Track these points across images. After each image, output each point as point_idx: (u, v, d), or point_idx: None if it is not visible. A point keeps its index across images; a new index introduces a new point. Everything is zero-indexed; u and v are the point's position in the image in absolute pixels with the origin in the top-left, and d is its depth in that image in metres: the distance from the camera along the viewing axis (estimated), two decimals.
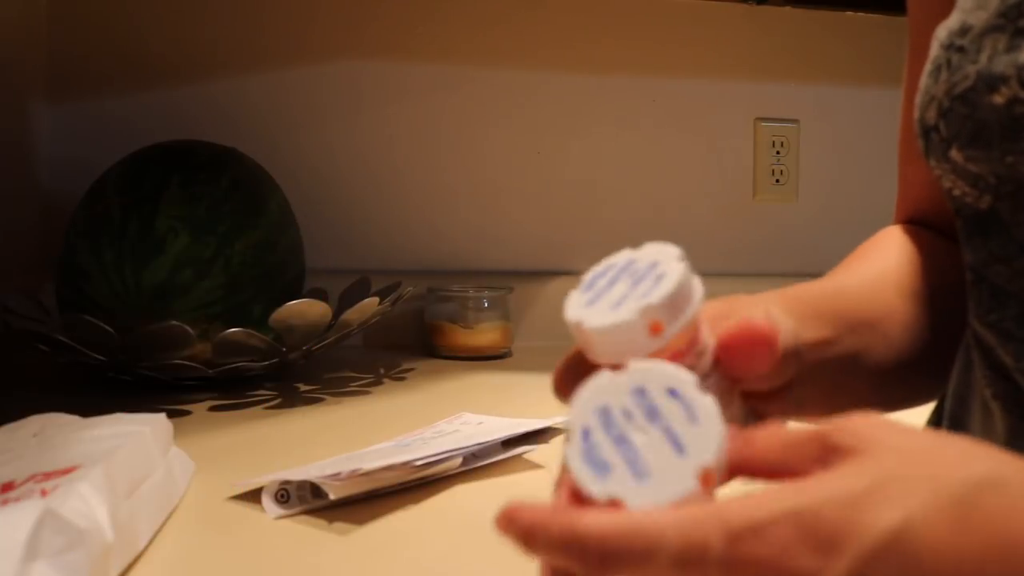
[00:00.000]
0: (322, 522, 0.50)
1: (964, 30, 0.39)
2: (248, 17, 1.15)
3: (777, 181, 1.32)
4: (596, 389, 0.29)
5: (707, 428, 0.27)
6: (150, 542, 0.46)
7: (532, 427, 0.67)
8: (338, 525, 0.49)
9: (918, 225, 0.56)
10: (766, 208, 1.32)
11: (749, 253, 1.30)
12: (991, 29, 0.38)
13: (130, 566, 0.43)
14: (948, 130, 0.40)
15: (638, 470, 0.27)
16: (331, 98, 1.18)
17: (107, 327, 0.73)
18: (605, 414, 0.28)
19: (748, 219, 1.31)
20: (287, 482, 0.52)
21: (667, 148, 1.29)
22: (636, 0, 1.27)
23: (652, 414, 0.28)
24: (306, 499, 0.51)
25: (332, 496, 0.50)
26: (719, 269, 1.29)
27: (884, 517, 0.26)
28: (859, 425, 0.29)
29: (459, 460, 0.58)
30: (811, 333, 0.41)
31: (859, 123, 1.34)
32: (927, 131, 0.42)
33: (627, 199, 1.27)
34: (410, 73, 1.20)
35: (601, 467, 0.27)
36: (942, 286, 0.50)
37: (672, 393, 0.28)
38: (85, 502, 0.38)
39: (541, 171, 1.25)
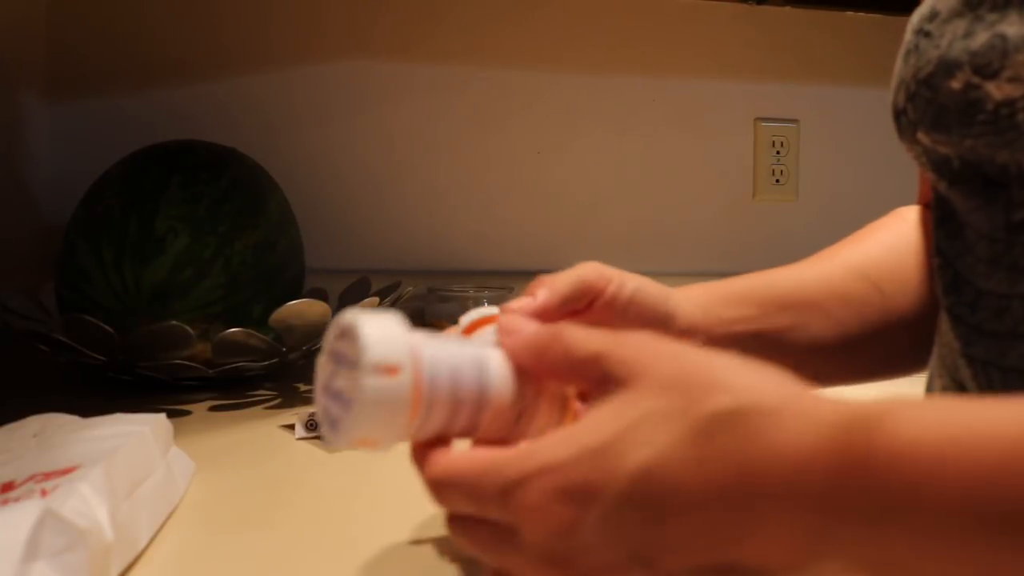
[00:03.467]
0: (324, 443, 0.64)
1: (932, 15, 0.40)
2: (248, 17, 1.15)
3: (777, 181, 1.32)
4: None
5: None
6: (150, 542, 0.46)
7: None
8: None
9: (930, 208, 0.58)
10: (766, 208, 1.32)
11: (749, 253, 1.30)
12: (954, 15, 0.38)
13: (130, 566, 0.43)
14: (915, 113, 0.40)
15: None
16: (331, 98, 1.18)
17: (107, 327, 0.73)
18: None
19: (748, 219, 1.31)
20: (316, 413, 0.62)
21: (667, 148, 1.29)
22: (636, 0, 1.27)
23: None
24: None
25: None
26: (719, 269, 1.29)
27: (630, 461, 0.29)
28: (630, 353, 0.31)
29: None
30: (726, 312, 0.48)
31: (859, 123, 1.34)
32: (898, 114, 0.42)
33: (627, 199, 1.27)
34: (410, 73, 1.20)
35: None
36: (920, 264, 0.53)
37: None
38: (85, 502, 0.38)
39: (541, 171, 1.25)
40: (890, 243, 0.56)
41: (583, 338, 0.33)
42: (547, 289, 0.43)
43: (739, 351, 0.47)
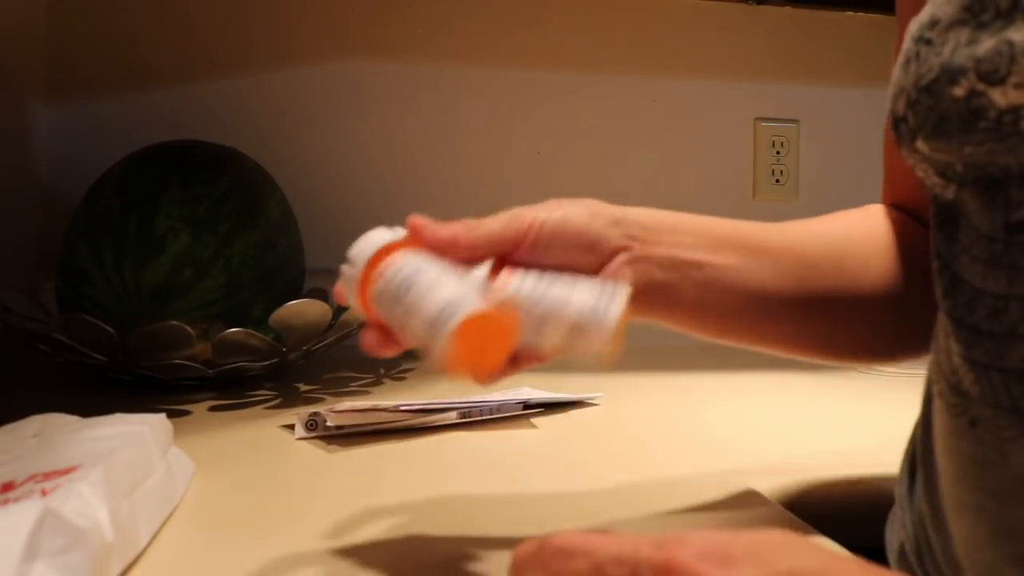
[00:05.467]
0: (323, 443, 0.66)
1: (933, 23, 0.40)
2: (248, 17, 1.15)
3: (777, 181, 1.32)
4: None
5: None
6: (150, 542, 0.46)
7: (565, 398, 0.78)
8: (332, 447, 0.65)
9: (898, 209, 0.59)
10: (766, 208, 1.32)
11: None
12: (956, 22, 0.38)
13: (130, 566, 0.43)
14: (915, 121, 0.40)
15: None
16: (331, 98, 1.18)
17: (107, 327, 0.73)
18: None
19: (748, 219, 1.31)
20: (315, 413, 0.67)
21: (667, 148, 1.29)
22: (636, 0, 1.27)
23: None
24: (330, 429, 0.67)
25: (329, 423, 0.66)
26: None
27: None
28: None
29: (454, 414, 0.70)
30: (666, 236, 0.48)
31: (859, 123, 1.34)
32: (897, 122, 0.42)
33: (627, 199, 1.26)
34: (411, 74, 1.20)
35: None
36: (885, 250, 0.54)
37: None
38: (85, 502, 0.38)
39: (541, 171, 1.25)
40: (857, 223, 0.56)
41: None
42: (466, 227, 0.44)
43: (675, 278, 0.48)
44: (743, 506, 0.54)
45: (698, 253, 0.49)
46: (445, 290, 0.39)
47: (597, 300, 0.42)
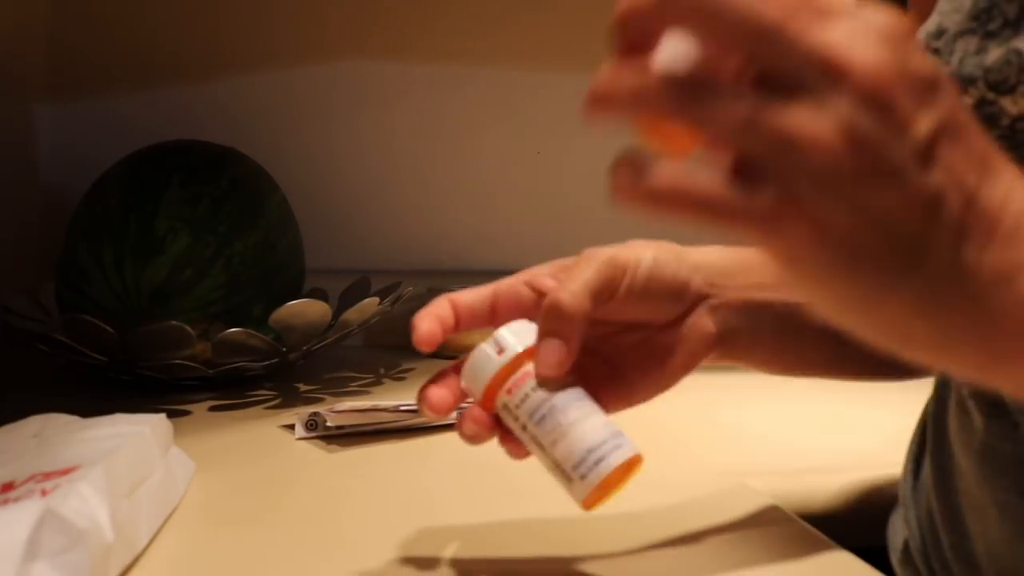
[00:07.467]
0: (323, 443, 0.66)
1: (940, 32, 0.40)
2: (248, 17, 1.15)
3: None
4: None
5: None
6: (150, 542, 0.46)
7: None
8: (332, 447, 0.65)
9: None
10: None
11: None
12: (964, 32, 0.38)
13: (130, 566, 0.43)
14: None
15: None
16: (331, 98, 1.18)
17: (107, 327, 0.73)
18: None
19: None
20: (315, 413, 0.67)
21: None
22: None
23: None
24: (330, 429, 0.67)
25: (329, 423, 0.66)
26: None
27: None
28: None
29: (454, 414, 0.67)
30: (740, 277, 0.47)
31: None
32: None
33: None
34: (410, 73, 1.20)
35: None
36: None
37: None
38: (85, 502, 0.38)
39: (541, 171, 1.25)
40: None
41: None
42: (569, 293, 0.43)
43: (753, 322, 0.47)
44: (743, 506, 0.54)
45: (771, 292, 0.48)
46: (590, 430, 0.40)
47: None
